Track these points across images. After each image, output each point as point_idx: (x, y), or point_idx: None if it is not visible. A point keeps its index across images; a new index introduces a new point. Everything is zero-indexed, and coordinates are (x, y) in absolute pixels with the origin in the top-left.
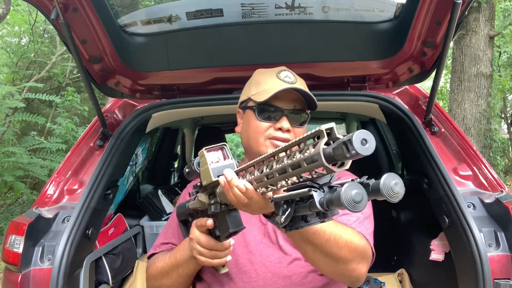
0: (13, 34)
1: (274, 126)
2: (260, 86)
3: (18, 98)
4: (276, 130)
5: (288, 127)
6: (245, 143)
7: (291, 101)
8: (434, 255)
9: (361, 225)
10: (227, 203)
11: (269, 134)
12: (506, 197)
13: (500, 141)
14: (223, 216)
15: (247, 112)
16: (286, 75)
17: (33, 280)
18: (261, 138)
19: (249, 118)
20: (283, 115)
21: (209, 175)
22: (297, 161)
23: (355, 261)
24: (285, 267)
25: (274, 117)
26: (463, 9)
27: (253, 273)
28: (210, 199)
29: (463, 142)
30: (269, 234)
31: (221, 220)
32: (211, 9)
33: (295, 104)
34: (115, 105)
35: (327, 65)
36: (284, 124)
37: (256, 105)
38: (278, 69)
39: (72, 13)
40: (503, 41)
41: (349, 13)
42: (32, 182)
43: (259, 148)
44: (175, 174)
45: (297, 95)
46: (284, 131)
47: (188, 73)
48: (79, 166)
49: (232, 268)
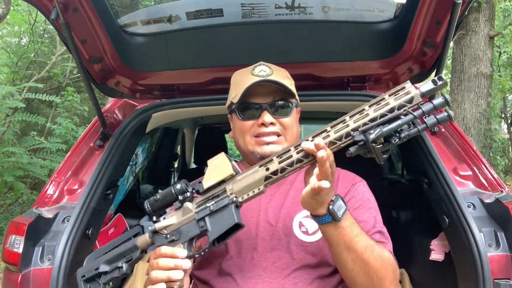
0: (13, 34)
1: (257, 122)
2: (237, 87)
3: (18, 98)
4: (260, 126)
5: (271, 120)
6: (238, 147)
7: (269, 94)
8: (434, 255)
9: (389, 242)
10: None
11: (253, 131)
12: (506, 197)
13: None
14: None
15: (233, 116)
16: (261, 69)
17: (33, 280)
18: (247, 137)
19: (234, 121)
20: (263, 109)
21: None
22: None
23: (388, 280)
24: (291, 273)
25: (255, 114)
26: (463, 9)
27: (258, 278)
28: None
29: (463, 142)
30: (280, 236)
31: (214, 220)
32: (211, 9)
33: (274, 96)
34: (115, 105)
35: (327, 65)
36: (266, 118)
37: (237, 106)
38: (254, 66)
39: (72, 13)
40: (503, 41)
41: (349, 13)
42: (32, 182)
43: (248, 148)
44: (175, 174)
45: (275, 87)
46: (268, 125)
47: (188, 73)
48: (79, 166)
49: (237, 273)
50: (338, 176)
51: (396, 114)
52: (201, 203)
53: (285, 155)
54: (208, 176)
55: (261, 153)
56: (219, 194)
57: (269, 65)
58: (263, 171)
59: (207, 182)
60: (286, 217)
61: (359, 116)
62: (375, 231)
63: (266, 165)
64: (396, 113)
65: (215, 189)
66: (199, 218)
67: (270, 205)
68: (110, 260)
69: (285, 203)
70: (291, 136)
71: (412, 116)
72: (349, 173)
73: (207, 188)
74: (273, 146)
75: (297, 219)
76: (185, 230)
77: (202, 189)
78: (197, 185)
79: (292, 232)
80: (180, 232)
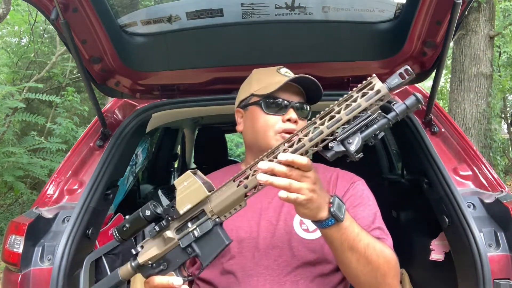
0: (13, 34)
1: (282, 118)
2: (262, 82)
3: (18, 98)
4: (285, 122)
5: (296, 118)
6: (251, 140)
7: (295, 94)
8: (434, 255)
9: (388, 238)
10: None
11: (279, 127)
12: (506, 197)
13: (500, 141)
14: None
15: (250, 109)
16: (286, 71)
17: (33, 280)
18: (270, 132)
19: (255, 114)
20: (290, 107)
21: (200, 192)
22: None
23: (390, 275)
24: (292, 270)
25: (282, 110)
26: (463, 9)
27: (260, 276)
28: (181, 230)
29: (463, 142)
30: (281, 235)
31: (202, 245)
32: (211, 9)
33: (300, 97)
34: (115, 105)
35: (327, 65)
36: (293, 115)
37: (263, 99)
38: (277, 67)
39: (72, 13)
40: (503, 41)
41: (349, 13)
42: (32, 182)
43: (269, 143)
44: (175, 174)
45: (299, 90)
46: (293, 122)
47: (188, 73)
48: (79, 166)
49: (239, 271)
50: (337, 175)
51: (371, 117)
52: (180, 228)
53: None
54: (182, 200)
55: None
56: (197, 215)
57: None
58: (242, 190)
59: (182, 207)
60: (287, 215)
61: (332, 122)
62: (374, 227)
63: (244, 181)
64: (371, 116)
65: (192, 212)
66: (185, 246)
67: (271, 205)
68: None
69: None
70: None
71: (387, 120)
72: (347, 172)
73: (183, 213)
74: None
75: (297, 217)
76: (172, 258)
77: (178, 215)
78: (170, 210)
79: (293, 230)
80: (167, 260)
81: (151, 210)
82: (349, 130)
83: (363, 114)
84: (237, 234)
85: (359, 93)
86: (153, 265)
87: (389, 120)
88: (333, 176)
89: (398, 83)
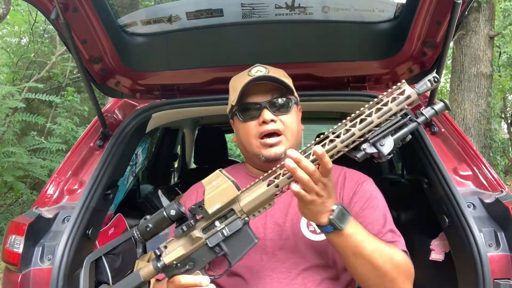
0: (13, 34)
1: (258, 121)
2: (235, 90)
3: (18, 98)
4: (261, 125)
5: (271, 117)
6: (243, 150)
7: (267, 92)
8: (434, 255)
9: (401, 240)
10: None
11: (257, 132)
12: (506, 197)
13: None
14: (233, 238)
15: (234, 120)
16: (257, 70)
17: (33, 280)
18: (252, 140)
19: (237, 125)
20: (262, 108)
21: (230, 192)
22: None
23: (400, 280)
24: (300, 273)
25: (256, 114)
26: (463, 9)
27: (267, 279)
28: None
29: (463, 142)
30: (288, 236)
31: (231, 243)
32: (211, 9)
33: (272, 94)
34: (115, 105)
35: (327, 65)
36: (266, 115)
37: (236, 109)
38: (250, 68)
39: (72, 13)
40: (503, 41)
41: (349, 13)
42: (32, 182)
43: (254, 150)
44: (175, 174)
45: (273, 85)
46: (269, 122)
47: (188, 73)
48: (79, 166)
49: (247, 273)
50: (345, 176)
51: (401, 121)
52: (207, 227)
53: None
54: (210, 199)
55: (266, 156)
56: (226, 214)
57: (265, 66)
58: (273, 189)
59: (211, 207)
60: (294, 216)
61: (364, 124)
62: (386, 230)
63: (274, 181)
64: (401, 120)
65: (220, 211)
66: (213, 245)
67: (277, 206)
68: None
69: (292, 202)
70: (291, 134)
71: (416, 124)
72: (354, 172)
73: (212, 213)
74: (277, 148)
75: (304, 218)
76: (198, 257)
77: (207, 215)
78: (198, 210)
79: (300, 231)
80: (193, 259)
81: (176, 210)
82: (382, 133)
83: (393, 117)
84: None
85: (389, 97)
86: (178, 265)
87: (418, 124)
88: (340, 177)
89: (426, 89)
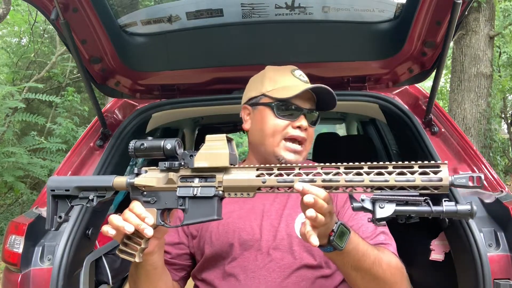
0: (13, 34)
1: (292, 124)
2: (276, 83)
3: (18, 98)
4: (295, 128)
5: (306, 125)
6: (257, 141)
7: (307, 100)
8: (434, 255)
9: (392, 242)
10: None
11: (286, 132)
12: (506, 197)
13: (500, 141)
14: (199, 202)
15: (259, 109)
16: (300, 73)
17: (33, 280)
18: (278, 137)
19: (264, 115)
20: (302, 113)
21: (222, 159)
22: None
23: (398, 283)
24: (294, 272)
25: (293, 115)
26: (463, 9)
27: (261, 278)
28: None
29: (463, 142)
30: (282, 237)
31: (195, 205)
32: (211, 9)
33: (311, 103)
34: (115, 105)
35: (327, 65)
36: (303, 122)
37: (275, 102)
38: (290, 67)
39: (72, 13)
40: (503, 41)
41: (349, 13)
42: (32, 182)
43: (274, 149)
44: None
45: (311, 95)
46: (303, 130)
47: (188, 73)
48: (79, 166)
49: (241, 274)
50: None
51: (416, 198)
52: (185, 178)
53: (283, 178)
54: (202, 155)
55: (286, 159)
56: (206, 177)
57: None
58: (259, 182)
59: (198, 162)
60: (288, 218)
61: (378, 178)
62: (378, 232)
63: (265, 176)
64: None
65: (204, 171)
66: (179, 196)
67: (273, 207)
68: (83, 188)
69: (287, 204)
70: (309, 145)
71: (429, 210)
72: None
73: (195, 167)
74: (297, 156)
75: (299, 220)
76: (163, 198)
77: (192, 165)
78: (188, 158)
79: (294, 232)
80: (158, 197)
81: (172, 146)
82: (388, 196)
83: (410, 190)
84: (240, 236)
85: (420, 169)
86: (143, 193)
87: (432, 212)
88: None
89: (462, 184)
